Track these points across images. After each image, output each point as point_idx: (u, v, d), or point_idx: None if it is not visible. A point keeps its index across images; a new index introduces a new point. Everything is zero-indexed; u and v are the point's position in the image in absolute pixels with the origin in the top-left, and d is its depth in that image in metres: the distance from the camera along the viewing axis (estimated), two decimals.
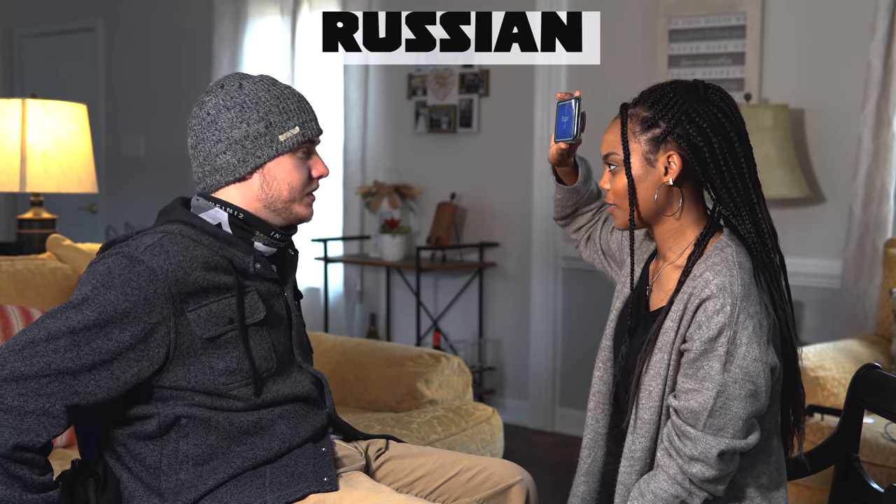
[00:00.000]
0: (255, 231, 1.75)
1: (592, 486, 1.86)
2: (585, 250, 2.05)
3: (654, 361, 1.69)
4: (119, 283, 1.59)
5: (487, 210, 4.75)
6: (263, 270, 1.75)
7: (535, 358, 4.58)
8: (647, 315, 1.78)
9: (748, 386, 1.61)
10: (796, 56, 3.84)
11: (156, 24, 6.06)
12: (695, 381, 1.63)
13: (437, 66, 4.83)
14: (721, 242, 1.70)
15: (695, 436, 1.62)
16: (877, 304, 3.50)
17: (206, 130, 1.73)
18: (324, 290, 5.09)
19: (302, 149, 1.76)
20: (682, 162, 1.68)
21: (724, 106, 1.69)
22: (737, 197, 1.68)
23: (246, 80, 1.76)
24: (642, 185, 1.71)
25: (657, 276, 1.78)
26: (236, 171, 1.73)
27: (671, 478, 1.65)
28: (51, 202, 4.70)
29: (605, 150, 1.75)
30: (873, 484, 1.87)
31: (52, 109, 3.64)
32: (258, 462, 1.69)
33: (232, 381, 1.67)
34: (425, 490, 1.88)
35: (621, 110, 1.74)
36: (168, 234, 1.69)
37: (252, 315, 1.70)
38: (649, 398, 1.69)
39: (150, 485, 1.67)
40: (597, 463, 1.85)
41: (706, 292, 1.63)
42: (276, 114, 1.73)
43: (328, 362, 3.14)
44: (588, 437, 1.87)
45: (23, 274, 2.61)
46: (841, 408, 2.00)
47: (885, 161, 3.54)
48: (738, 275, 1.64)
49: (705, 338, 1.61)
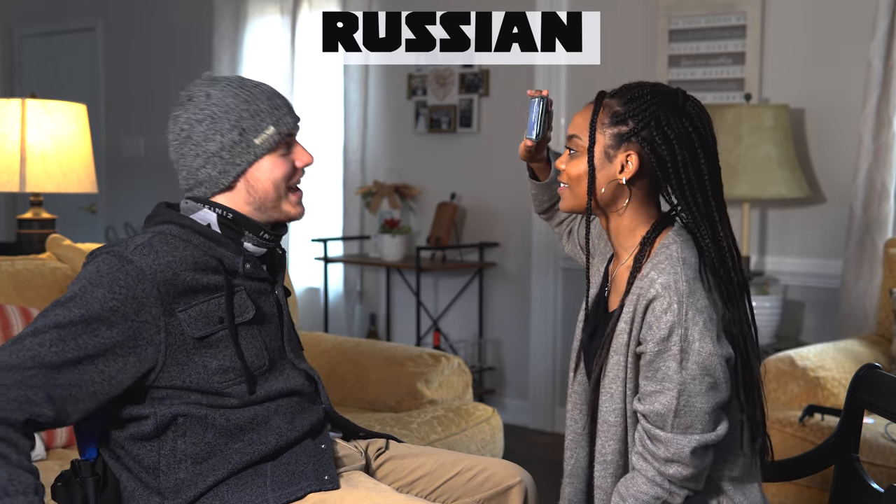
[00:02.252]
0: (245, 231, 1.75)
1: (578, 486, 1.86)
2: (567, 244, 2.06)
3: (611, 364, 1.70)
4: (107, 281, 1.60)
5: (487, 210, 4.75)
6: (253, 270, 1.76)
7: (535, 358, 4.58)
8: (604, 316, 1.79)
9: (707, 380, 1.62)
10: (796, 56, 3.83)
11: (156, 24, 6.06)
12: (655, 383, 1.64)
13: (437, 66, 4.83)
14: (667, 239, 1.70)
15: (665, 438, 1.63)
16: (877, 304, 3.49)
17: (183, 146, 1.74)
18: (324, 290, 5.09)
19: (281, 146, 1.76)
20: (639, 163, 1.68)
21: (697, 121, 1.69)
22: (696, 211, 1.68)
23: (214, 86, 1.74)
24: (596, 175, 1.71)
25: (613, 277, 1.79)
26: (219, 183, 1.74)
27: (649, 480, 1.65)
28: (51, 202, 4.69)
29: (571, 132, 1.75)
30: (873, 484, 1.87)
31: (52, 109, 3.64)
32: (256, 457, 1.69)
33: (225, 379, 1.68)
34: (425, 490, 1.88)
35: (597, 98, 1.74)
36: (158, 233, 1.70)
37: (241, 314, 1.71)
38: (611, 401, 1.70)
39: (150, 484, 1.67)
40: (580, 463, 1.85)
41: (651, 292, 1.63)
42: (248, 118, 1.72)
43: (328, 362, 3.14)
44: (569, 438, 1.87)
45: (23, 274, 2.61)
46: (841, 408, 2.00)
47: (885, 161, 3.54)
48: (682, 271, 1.64)
49: (657, 338, 1.62)
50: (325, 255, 4.98)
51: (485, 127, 4.74)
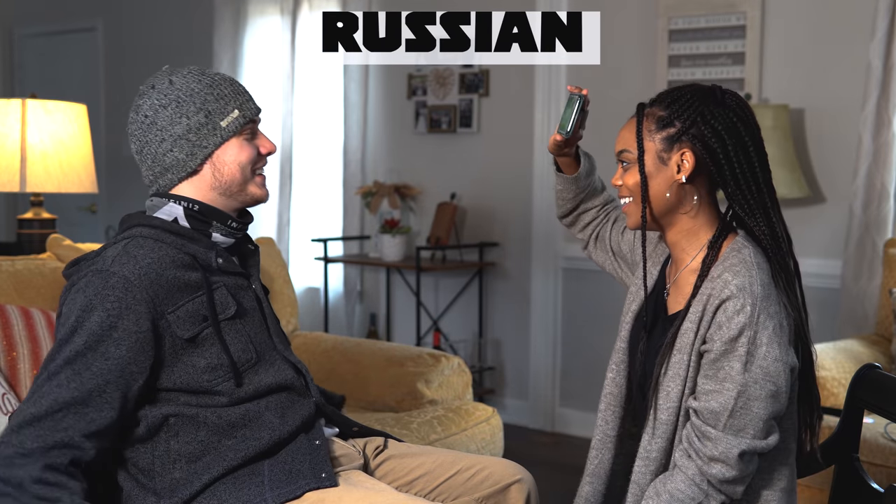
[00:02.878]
0: (213, 221, 1.76)
1: (597, 487, 1.86)
2: (595, 251, 2.05)
3: (673, 363, 1.69)
4: (98, 303, 1.61)
5: (487, 210, 4.75)
6: (226, 265, 1.77)
7: (535, 358, 4.58)
8: (665, 319, 1.78)
9: (769, 386, 1.61)
10: (796, 56, 3.83)
11: (156, 25, 6.06)
12: (715, 382, 1.63)
13: (437, 66, 4.83)
14: (737, 244, 1.70)
15: (715, 436, 1.62)
16: (877, 304, 3.50)
17: (148, 132, 1.74)
18: (324, 290, 5.09)
19: (246, 130, 1.78)
20: (695, 160, 1.68)
21: (740, 111, 1.70)
22: (751, 199, 1.69)
23: (175, 74, 1.76)
24: (654, 181, 1.71)
25: (674, 280, 1.78)
26: (186, 166, 1.75)
27: (689, 479, 1.64)
28: (51, 202, 4.69)
29: (619, 147, 1.76)
30: (873, 484, 1.86)
31: (52, 109, 3.64)
32: (251, 454, 1.70)
33: (214, 377, 1.69)
34: (425, 489, 1.88)
35: (638, 109, 1.75)
36: (131, 238, 1.71)
37: (224, 311, 1.72)
38: (667, 399, 1.69)
39: (146, 485, 1.68)
40: (603, 465, 1.85)
41: (726, 293, 1.62)
42: (213, 101, 1.74)
43: (328, 362, 3.14)
44: (597, 438, 1.87)
45: (23, 274, 2.61)
46: (841, 408, 1.99)
47: (885, 161, 3.54)
48: (758, 275, 1.64)
49: (726, 338, 1.61)
50: (325, 255, 4.98)
51: (485, 127, 4.74)
